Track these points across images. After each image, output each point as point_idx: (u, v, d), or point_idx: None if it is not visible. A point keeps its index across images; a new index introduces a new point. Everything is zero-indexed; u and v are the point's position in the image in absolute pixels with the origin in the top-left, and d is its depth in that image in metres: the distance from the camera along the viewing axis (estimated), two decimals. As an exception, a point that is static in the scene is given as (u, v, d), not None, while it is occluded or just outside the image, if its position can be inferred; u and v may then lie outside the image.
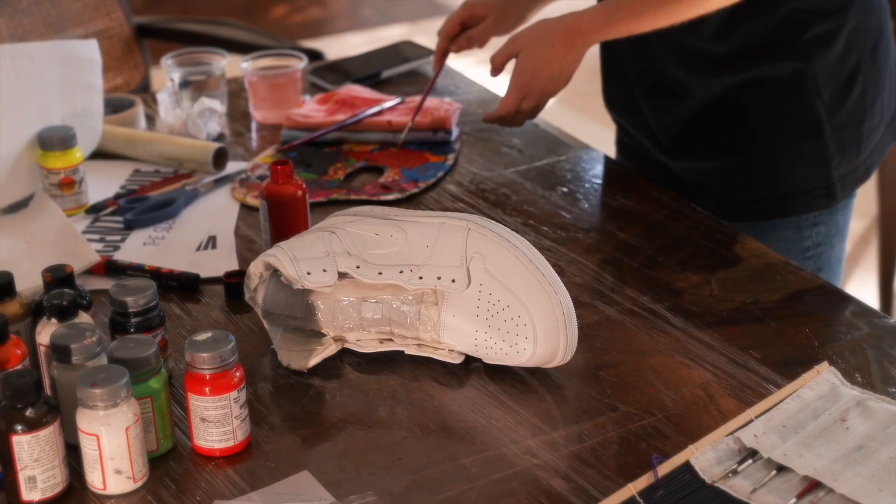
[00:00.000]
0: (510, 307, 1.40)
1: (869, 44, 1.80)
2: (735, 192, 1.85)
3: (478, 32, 1.96)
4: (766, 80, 1.78)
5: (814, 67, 1.76)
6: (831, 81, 1.78)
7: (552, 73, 1.79)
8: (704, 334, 1.48)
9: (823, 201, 1.83)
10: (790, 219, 1.84)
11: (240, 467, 1.31)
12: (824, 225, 1.85)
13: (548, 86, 1.80)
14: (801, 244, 1.85)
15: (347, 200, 1.83)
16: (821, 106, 1.78)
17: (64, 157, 1.81)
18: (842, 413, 1.31)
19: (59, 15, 2.86)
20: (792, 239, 1.85)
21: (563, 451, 1.31)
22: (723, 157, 1.84)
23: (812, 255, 1.85)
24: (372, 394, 1.42)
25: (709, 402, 1.37)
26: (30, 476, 1.25)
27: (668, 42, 1.79)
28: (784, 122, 1.80)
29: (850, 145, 1.82)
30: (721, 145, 1.84)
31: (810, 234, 1.85)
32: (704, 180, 1.86)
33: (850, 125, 1.81)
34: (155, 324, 1.40)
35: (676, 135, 1.87)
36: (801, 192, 1.82)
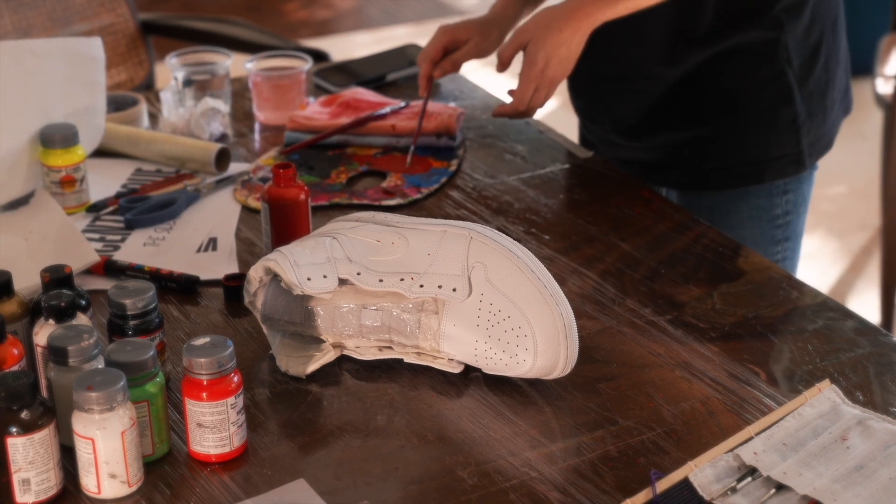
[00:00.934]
0: (511, 318, 1.39)
1: (830, 17, 1.90)
2: (706, 162, 1.90)
3: (460, 56, 1.96)
4: (739, 50, 1.85)
5: (785, 36, 1.84)
6: (800, 50, 1.86)
7: (561, 57, 1.82)
8: (705, 348, 1.48)
9: (794, 167, 1.90)
10: (762, 186, 1.90)
11: (235, 474, 1.30)
12: (793, 193, 1.92)
13: (558, 72, 1.83)
14: (771, 212, 1.92)
15: (349, 204, 1.82)
16: (791, 74, 1.86)
17: (65, 154, 1.81)
18: (842, 432, 1.31)
19: (65, 9, 2.86)
20: (763, 207, 1.91)
21: (562, 465, 1.30)
22: (694, 128, 1.89)
23: (781, 223, 1.92)
24: (370, 401, 1.41)
25: (709, 417, 1.36)
26: (24, 478, 1.24)
27: (639, 24, 1.83)
28: (757, 90, 1.87)
29: (818, 114, 1.90)
30: (692, 117, 1.89)
31: (780, 202, 1.92)
32: (671, 154, 1.91)
33: (816, 94, 1.89)
34: (153, 327, 1.39)
35: (645, 114, 1.92)
36: (774, 159, 1.89)
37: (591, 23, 1.80)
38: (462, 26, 1.97)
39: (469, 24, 1.97)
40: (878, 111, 3.22)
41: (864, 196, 3.76)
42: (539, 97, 1.85)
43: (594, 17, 1.80)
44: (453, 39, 1.97)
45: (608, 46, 1.88)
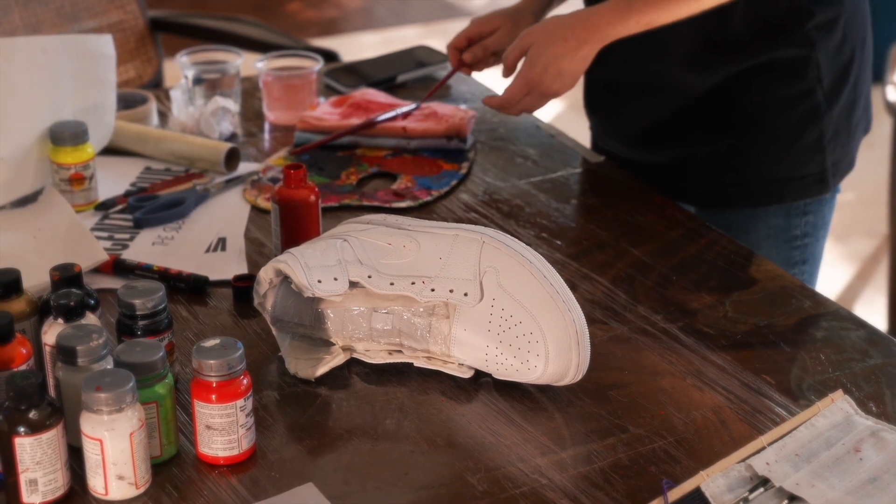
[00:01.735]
0: (522, 323, 1.38)
1: (860, 35, 1.86)
2: (726, 178, 1.86)
3: (492, 41, 1.94)
4: (768, 67, 1.80)
5: (817, 54, 1.80)
6: (831, 69, 1.81)
7: (561, 69, 1.77)
8: (717, 357, 1.47)
9: (816, 188, 1.86)
10: (781, 206, 1.86)
11: (243, 476, 1.30)
12: (813, 215, 1.88)
13: (555, 83, 1.78)
14: (789, 233, 1.87)
15: (359, 206, 1.81)
16: (821, 93, 1.81)
17: (75, 152, 1.80)
18: (855, 443, 1.30)
19: (74, 6, 2.85)
20: (781, 227, 1.87)
21: (572, 472, 1.29)
22: (715, 143, 1.85)
23: (799, 245, 1.88)
24: (379, 405, 1.40)
25: (720, 426, 1.35)
26: (31, 479, 1.23)
27: (664, 38, 1.77)
28: (785, 107, 1.82)
29: (843, 133, 1.86)
30: (714, 132, 1.85)
31: (799, 223, 1.87)
32: (691, 169, 1.87)
33: (843, 113, 1.85)
34: (162, 327, 1.38)
35: (665, 127, 1.88)
36: (796, 178, 1.85)
37: (599, 37, 1.75)
38: (491, 16, 1.95)
39: (499, 13, 1.95)
40: (887, 119, 3.21)
41: (872, 203, 3.75)
42: (529, 102, 1.82)
43: (603, 32, 1.75)
44: (479, 31, 1.95)
45: (629, 59, 1.84)
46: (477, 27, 1.95)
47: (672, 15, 1.72)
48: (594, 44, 1.76)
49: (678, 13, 1.72)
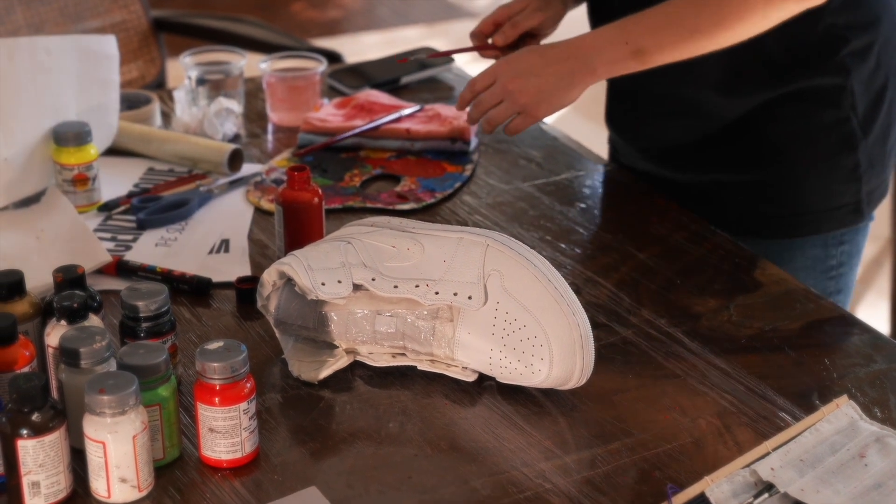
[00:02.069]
0: (527, 327, 1.38)
1: (894, 60, 1.80)
2: (761, 207, 1.80)
3: (522, 18, 1.79)
4: (802, 95, 1.74)
5: (851, 81, 1.74)
6: (865, 96, 1.76)
7: (540, 87, 1.65)
8: (722, 361, 1.46)
9: (852, 217, 1.81)
10: (818, 237, 1.80)
11: (246, 479, 1.29)
12: (848, 244, 1.82)
13: (531, 95, 1.65)
14: (826, 263, 1.81)
15: (363, 208, 1.81)
16: (855, 121, 1.76)
17: (78, 153, 1.79)
18: (860, 449, 1.29)
19: (77, 5, 2.85)
20: (818, 257, 1.81)
21: (576, 477, 1.29)
22: (749, 170, 1.79)
23: (834, 275, 1.82)
24: (382, 408, 1.40)
25: (725, 431, 1.35)
26: (33, 481, 1.23)
27: (693, 67, 1.67)
28: (819, 136, 1.76)
29: (878, 161, 1.81)
30: (746, 158, 1.78)
31: (835, 253, 1.82)
32: (723, 197, 1.81)
33: (878, 141, 1.80)
34: (165, 329, 1.38)
35: (693, 150, 1.83)
36: (833, 208, 1.79)
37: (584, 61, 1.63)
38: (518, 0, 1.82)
39: None
40: None
41: (875, 206, 3.75)
42: (489, 98, 1.68)
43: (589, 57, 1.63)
44: (507, 12, 1.81)
45: (656, 85, 1.77)
46: (504, 10, 1.81)
47: (663, 46, 1.62)
48: (580, 69, 1.64)
49: (672, 47, 1.62)
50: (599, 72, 1.65)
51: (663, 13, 1.61)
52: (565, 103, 1.67)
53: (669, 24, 1.61)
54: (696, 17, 1.60)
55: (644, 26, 1.62)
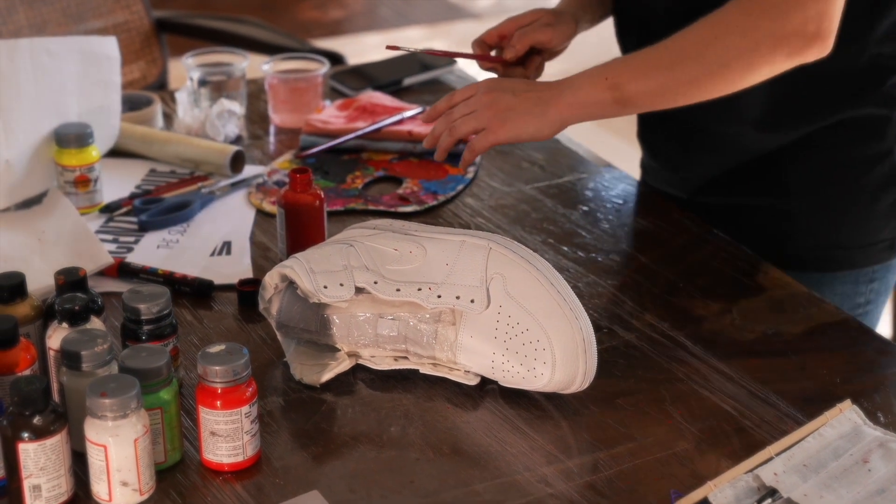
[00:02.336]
0: (529, 331, 1.37)
1: None
2: (795, 239, 1.73)
3: (532, 30, 1.71)
4: (845, 126, 1.67)
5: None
6: None
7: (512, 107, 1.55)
8: (724, 365, 1.46)
9: (885, 254, 1.75)
10: (850, 272, 1.74)
11: (248, 483, 1.29)
12: (878, 281, 1.76)
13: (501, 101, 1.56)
14: (854, 300, 1.75)
15: (365, 210, 1.81)
16: None
17: (80, 154, 1.79)
18: (864, 454, 1.29)
19: (79, 6, 2.84)
20: (848, 294, 1.74)
21: (579, 481, 1.29)
22: (784, 201, 1.72)
23: (862, 312, 1.76)
24: (384, 412, 1.39)
25: (728, 436, 1.35)
26: (35, 484, 1.22)
27: (731, 103, 1.58)
28: (861, 169, 1.70)
29: None
30: (782, 190, 1.71)
31: (865, 290, 1.75)
32: (754, 224, 1.74)
33: None
34: (167, 332, 1.37)
35: (725, 180, 1.76)
36: (868, 244, 1.73)
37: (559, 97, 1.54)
38: (528, 12, 1.74)
39: (536, 9, 1.75)
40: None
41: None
42: (465, 123, 1.58)
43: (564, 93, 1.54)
44: (515, 24, 1.72)
45: (692, 120, 1.69)
46: (511, 22, 1.72)
47: (644, 90, 1.52)
48: (555, 99, 1.54)
49: (654, 92, 1.52)
50: (574, 106, 1.54)
51: (648, 57, 1.53)
52: (531, 131, 1.55)
53: (653, 68, 1.52)
54: (680, 65, 1.51)
55: (627, 68, 1.54)
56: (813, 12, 1.46)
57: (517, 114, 1.55)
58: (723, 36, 1.49)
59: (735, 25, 1.48)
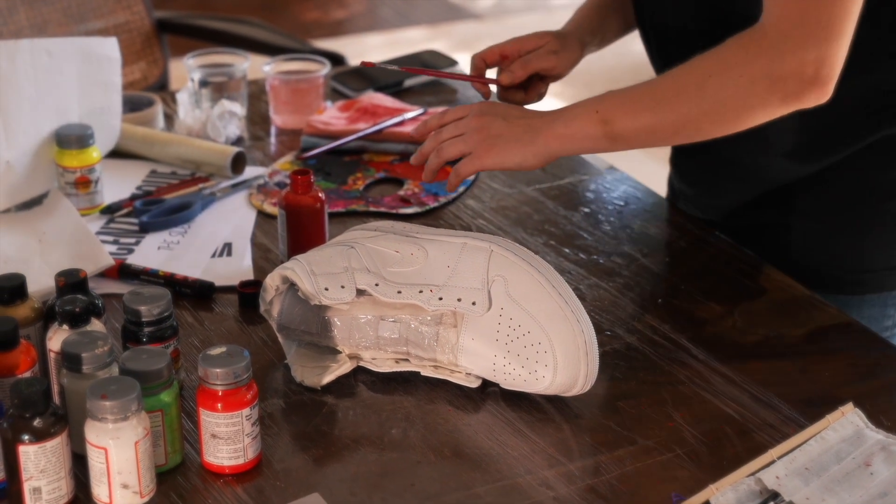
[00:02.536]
0: (531, 333, 1.37)
1: None
2: (826, 262, 1.67)
3: (534, 58, 1.67)
4: (878, 147, 1.61)
5: None
6: None
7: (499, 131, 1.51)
8: (726, 368, 1.45)
9: None
10: (878, 295, 1.67)
11: (248, 486, 1.29)
12: None
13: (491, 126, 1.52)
14: (881, 323, 1.68)
15: (366, 212, 1.80)
16: None
17: (80, 155, 1.79)
18: (866, 457, 1.29)
19: (80, 6, 2.84)
20: (875, 317, 1.67)
21: (580, 485, 1.28)
22: (812, 223, 1.67)
23: (890, 335, 1.69)
24: (385, 414, 1.39)
25: (730, 439, 1.34)
26: (35, 487, 1.22)
27: (762, 134, 1.52)
28: (889, 193, 1.63)
29: None
30: (810, 212, 1.66)
31: (892, 313, 1.68)
32: (784, 246, 1.68)
33: None
34: (168, 334, 1.37)
35: (756, 205, 1.70)
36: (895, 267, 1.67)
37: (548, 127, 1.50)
38: (532, 34, 1.70)
39: (541, 32, 1.70)
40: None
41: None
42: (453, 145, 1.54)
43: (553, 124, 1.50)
44: (518, 47, 1.68)
45: (722, 151, 1.63)
46: (515, 44, 1.68)
47: (635, 126, 1.47)
48: (545, 129, 1.50)
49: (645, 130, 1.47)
50: (564, 138, 1.49)
51: (642, 93, 1.48)
52: (517, 160, 1.51)
53: (646, 105, 1.47)
54: (673, 102, 1.46)
55: (620, 103, 1.49)
56: (813, 56, 1.40)
57: (505, 141, 1.51)
58: (718, 74, 1.43)
59: (731, 63, 1.43)
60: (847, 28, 1.41)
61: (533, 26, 1.77)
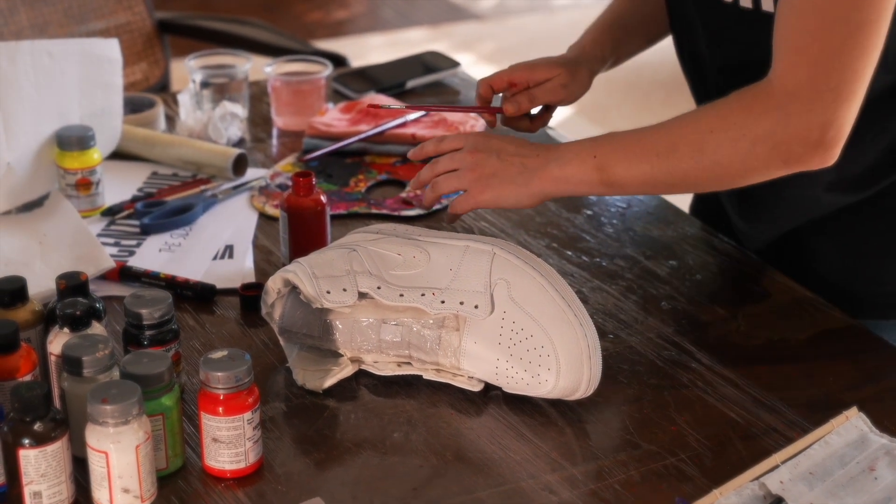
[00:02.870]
0: (533, 337, 1.36)
1: None
2: (859, 285, 1.61)
3: (541, 92, 1.64)
4: None
5: None
6: None
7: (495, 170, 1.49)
8: (730, 372, 1.45)
9: None
10: None
11: (250, 490, 1.28)
12: None
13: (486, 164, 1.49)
14: None
15: (368, 214, 1.80)
16: None
17: (81, 157, 1.78)
18: (870, 462, 1.28)
19: (81, 6, 2.84)
20: None
21: (583, 489, 1.28)
22: (851, 249, 1.61)
23: None
24: (387, 418, 1.39)
25: (733, 443, 1.34)
26: (35, 491, 1.21)
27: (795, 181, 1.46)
28: None
29: None
30: (849, 239, 1.61)
31: None
32: (819, 270, 1.63)
33: None
34: (169, 337, 1.36)
35: (796, 229, 1.64)
36: None
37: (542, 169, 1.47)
38: (541, 62, 1.66)
39: (552, 61, 1.67)
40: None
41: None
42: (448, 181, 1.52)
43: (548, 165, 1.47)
44: (527, 77, 1.64)
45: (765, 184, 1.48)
46: (524, 72, 1.64)
47: (630, 174, 1.44)
48: (541, 170, 1.47)
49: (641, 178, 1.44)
50: (559, 181, 1.47)
51: (641, 142, 1.44)
52: (511, 201, 1.49)
53: (644, 155, 1.43)
54: (672, 156, 1.42)
55: (618, 150, 1.45)
56: (820, 120, 1.36)
57: (499, 181, 1.48)
58: (719, 131, 1.39)
59: (733, 122, 1.38)
60: (858, 90, 1.36)
61: (534, 27, 1.76)
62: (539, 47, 1.96)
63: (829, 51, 1.35)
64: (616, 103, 1.92)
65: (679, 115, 1.45)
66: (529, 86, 1.65)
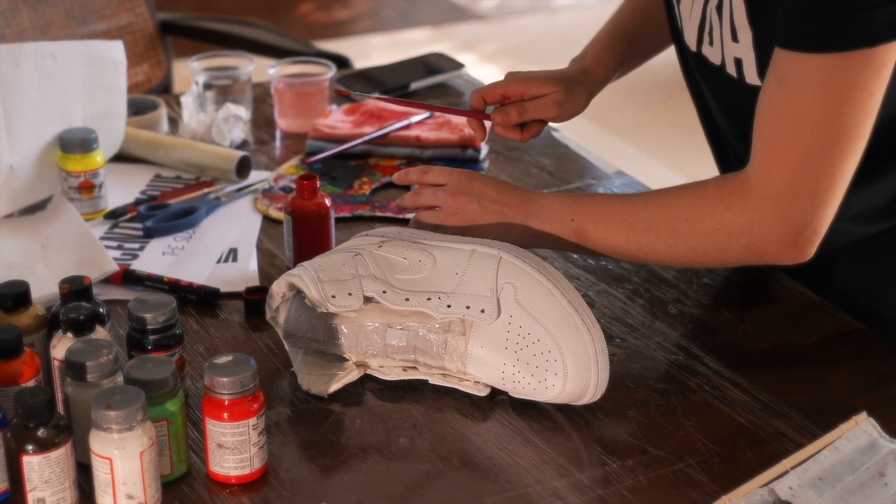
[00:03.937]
0: (540, 341, 1.35)
1: None
2: (882, 307, 1.57)
3: (534, 107, 1.62)
4: None
5: None
6: None
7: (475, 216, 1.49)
8: (738, 376, 1.44)
9: None
10: None
11: (255, 496, 1.27)
12: None
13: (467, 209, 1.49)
14: None
15: (372, 216, 1.79)
16: None
17: (84, 159, 1.77)
18: (880, 467, 1.27)
19: (83, 8, 2.83)
20: None
21: (591, 495, 1.27)
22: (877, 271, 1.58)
23: None
24: (393, 423, 1.38)
25: (742, 449, 1.33)
26: (39, 497, 1.21)
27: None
28: None
29: None
30: (874, 261, 1.57)
31: None
32: (846, 295, 1.59)
33: None
34: (173, 342, 1.35)
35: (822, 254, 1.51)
36: None
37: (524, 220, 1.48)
38: (538, 77, 1.63)
39: (550, 76, 1.64)
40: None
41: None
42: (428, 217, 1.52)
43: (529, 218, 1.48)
44: (521, 91, 1.62)
45: None
46: (520, 86, 1.62)
47: (606, 242, 1.45)
48: (517, 225, 1.48)
49: (616, 247, 1.45)
50: (537, 236, 1.48)
51: (620, 212, 1.45)
52: None
53: (621, 226, 1.44)
54: (650, 234, 1.43)
55: (596, 216, 1.45)
56: (795, 221, 1.36)
57: (479, 229, 1.48)
58: (695, 221, 1.40)
59: (708, 214, 1.39)
60: (837, 192, 1.36)
61: (536, 27, 1.75)
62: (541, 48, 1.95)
63: (807, 156, 1.34)
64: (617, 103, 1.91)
65: (662, 190, 1.45)
66: (524, 98, 1.62)
